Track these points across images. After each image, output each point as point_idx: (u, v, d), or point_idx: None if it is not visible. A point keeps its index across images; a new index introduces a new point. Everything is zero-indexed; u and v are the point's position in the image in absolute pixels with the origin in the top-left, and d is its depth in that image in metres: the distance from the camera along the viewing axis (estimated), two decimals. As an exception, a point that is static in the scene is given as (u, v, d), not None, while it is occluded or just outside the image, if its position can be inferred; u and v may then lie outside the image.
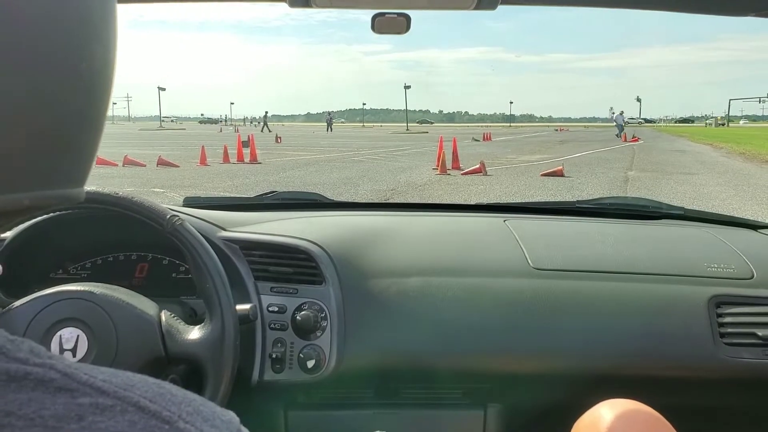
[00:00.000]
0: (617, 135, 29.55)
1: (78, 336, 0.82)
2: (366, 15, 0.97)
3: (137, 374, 0.32)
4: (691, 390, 1.10)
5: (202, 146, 15.21)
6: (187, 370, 0.93)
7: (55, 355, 0.30)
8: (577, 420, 0.87)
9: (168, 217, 0.90)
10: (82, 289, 0.85)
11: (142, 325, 0.85)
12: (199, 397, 0.32)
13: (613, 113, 31.96)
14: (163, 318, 0.88)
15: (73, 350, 0.81)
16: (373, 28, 0.97)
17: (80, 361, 0.81)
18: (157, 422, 0.28)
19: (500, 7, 0.92)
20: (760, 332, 1.06)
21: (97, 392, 0.28)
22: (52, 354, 0.30)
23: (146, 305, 0.88)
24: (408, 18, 0.94)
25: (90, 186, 0.91)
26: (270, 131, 41.49)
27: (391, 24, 0.95)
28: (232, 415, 0.34)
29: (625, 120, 31.64)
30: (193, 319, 0.93)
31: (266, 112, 48.09)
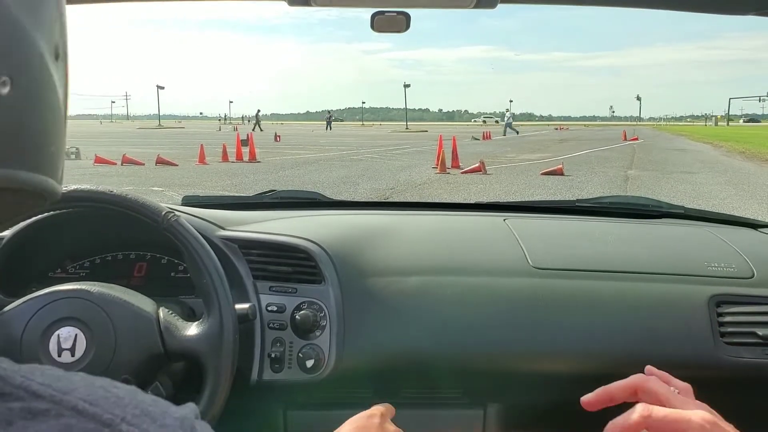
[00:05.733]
0: (504, 134, 34.33)
1: (76, 335, 0.81)
2: (366, 13, 0.97)
3: (87, 376, 0.30)
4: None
5: (201, 145, 15.20)
6: (187, 366, 0.93)
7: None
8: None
9: (163, 213, 0.89)
10: (79, 288, 0.84)
11: (140, 322, 0.85)
12: (150, 398, 0.31)
13: (508, 112, 37.53)
14: (161, 315, 0.87)
15: (72, 349, 0.81)
16: (372, 26, 0.96)
17: (79, 359, 0.81)
18: (96, 425, 0.27)
19: (500, 6, 0.92)
20: (760, 331, 1.06)
21: (31, 396, 0.27)
22: None
23: (144, 302, 0.88)
24: (408, 16, 0.94)
25: (86, 184, 0.91)
26: (262, 130, 41.34)
27: (391, 22, 0.95)
28: (188, 411, 0.32)
29: (511, 121, 37.73)
30: (191, 318, 0.93)
31: (258, 111, 48.33)
